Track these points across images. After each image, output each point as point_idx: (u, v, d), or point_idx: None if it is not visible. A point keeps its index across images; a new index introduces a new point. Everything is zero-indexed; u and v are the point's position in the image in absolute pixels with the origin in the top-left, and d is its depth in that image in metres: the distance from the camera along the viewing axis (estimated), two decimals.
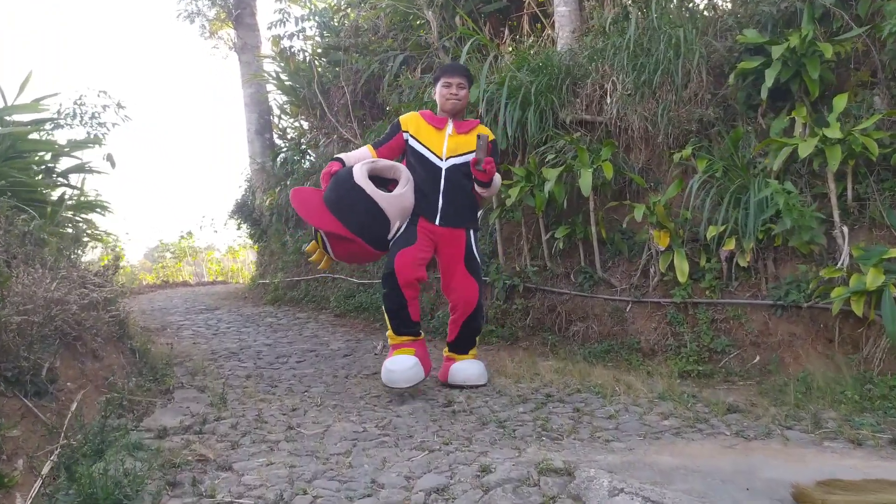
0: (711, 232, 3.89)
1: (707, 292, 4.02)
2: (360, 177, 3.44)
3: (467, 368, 3.69)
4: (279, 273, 9.36)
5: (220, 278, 18.02)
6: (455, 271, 3.71)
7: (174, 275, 18.48)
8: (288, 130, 10.96)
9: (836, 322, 3.50)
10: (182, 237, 19.31)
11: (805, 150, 3.45)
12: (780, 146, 3.77)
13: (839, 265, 3.49)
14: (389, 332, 3.58)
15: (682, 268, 4.01)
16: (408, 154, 3.84)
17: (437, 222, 3.68)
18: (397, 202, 3.51)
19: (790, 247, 3.75)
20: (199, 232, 18.52)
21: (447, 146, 3.75)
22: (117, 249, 17.06)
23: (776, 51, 3.79)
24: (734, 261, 3.92)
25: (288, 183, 9.38)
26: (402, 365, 3.39)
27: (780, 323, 3.74)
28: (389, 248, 3.61)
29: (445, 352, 3.85)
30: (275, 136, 10.92)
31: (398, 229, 3.60)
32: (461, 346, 3.77)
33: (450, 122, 3.82)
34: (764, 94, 3.93)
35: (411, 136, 3.82)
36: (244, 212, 11.03)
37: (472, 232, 3.77)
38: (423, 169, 3.75)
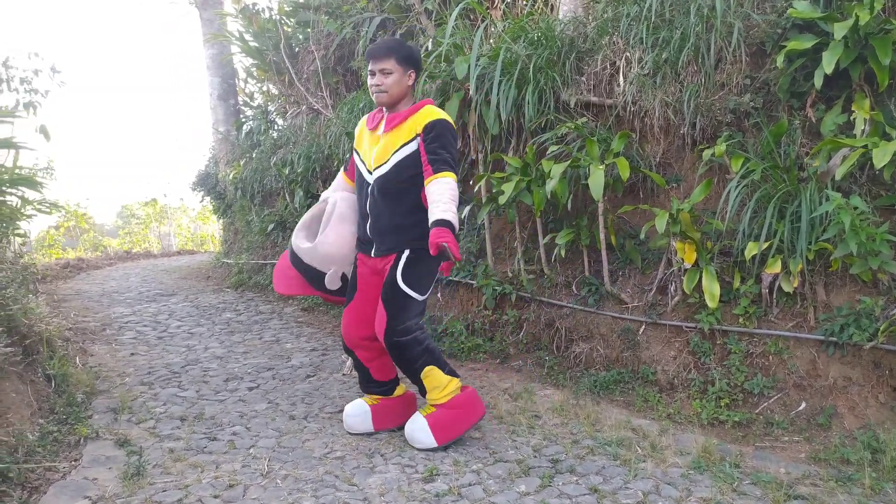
0: (752, 250, 3.20)
1: (741, 319, 3.36)
2: (294, 237, 3.23)
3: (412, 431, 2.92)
4: (244, 254, 8.57)
5: (188, 246, 17.15)
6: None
7: (140, 242, 17.58)
8: (255, 95, 10.03)
9: None
10: (147, 203, 18.40)
11: (881, 157, 2.75)
12: (838, 147, 3.09)
13: None
14: None
15: (713, 290, 3.32)
16: None
17: (372, 254, 3.00)
18: (314, 253, 3.10)
19: (844, 269, 3.10)
20: (163, 199, 17.52)
21: (375, 154, 2.97)
22: (78, 215, 16.13)
23: (839, 29, 3.06)
24: (776, 283, 3.26)
25: (254, 155, 8.53)
26: (352, 411, 3.10)
27: (832, 363, 3.10)
28: None
29: None
30: (240, 101, 9.98)
31: (346, 274, 3.16)
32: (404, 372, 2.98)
33: (384, 117, 3.00)
34: (818, 82, 3.20)
35: (355, 148, 3.17)
36: (207, 184, 10.15)
37: (405, 253, 2.90)
38: (359, 189, 3.10)
